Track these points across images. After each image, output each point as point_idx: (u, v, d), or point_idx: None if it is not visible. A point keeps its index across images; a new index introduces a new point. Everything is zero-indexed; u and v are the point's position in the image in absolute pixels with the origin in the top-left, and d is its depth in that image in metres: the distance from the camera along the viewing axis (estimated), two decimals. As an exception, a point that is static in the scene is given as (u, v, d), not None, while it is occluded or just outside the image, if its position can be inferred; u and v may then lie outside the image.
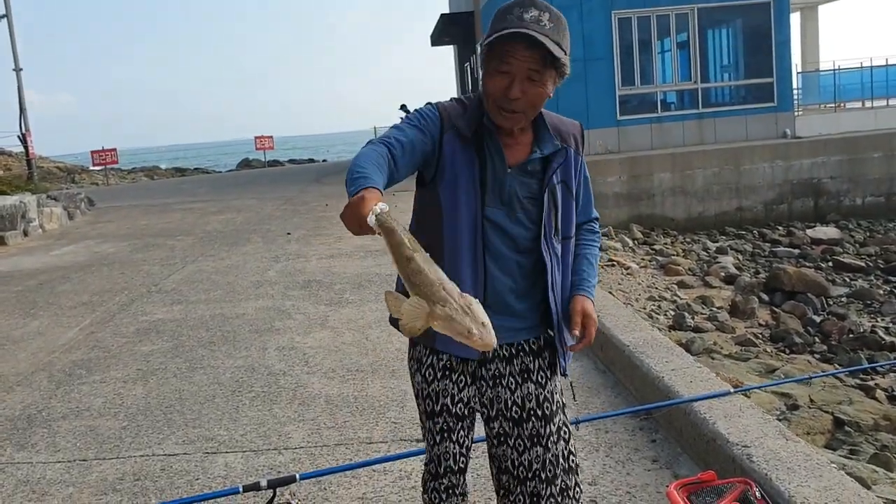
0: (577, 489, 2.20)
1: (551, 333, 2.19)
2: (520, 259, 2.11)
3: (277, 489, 3.07)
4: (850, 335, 9.29)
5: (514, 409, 2.16)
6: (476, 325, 1.66)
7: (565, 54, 1.97)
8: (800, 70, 21.56)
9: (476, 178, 2.04)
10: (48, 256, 10.48)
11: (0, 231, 11.86)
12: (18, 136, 21.11)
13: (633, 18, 18.21)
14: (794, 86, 19.64)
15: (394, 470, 3.52)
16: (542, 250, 2.10)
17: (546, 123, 2.12)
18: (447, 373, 2.15)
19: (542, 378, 2.18)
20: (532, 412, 2.15)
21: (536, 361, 2.18)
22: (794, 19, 23.83)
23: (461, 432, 2.18)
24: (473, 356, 2.11)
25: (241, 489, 3.09)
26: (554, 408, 2.18)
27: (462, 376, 2.16)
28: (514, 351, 2.17)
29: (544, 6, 1.97)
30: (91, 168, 31.87)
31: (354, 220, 1.70)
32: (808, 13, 26.29)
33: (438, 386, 2.16)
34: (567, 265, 2.19)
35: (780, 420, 5.01)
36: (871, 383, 6.99)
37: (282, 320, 6.31)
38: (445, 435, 2.17)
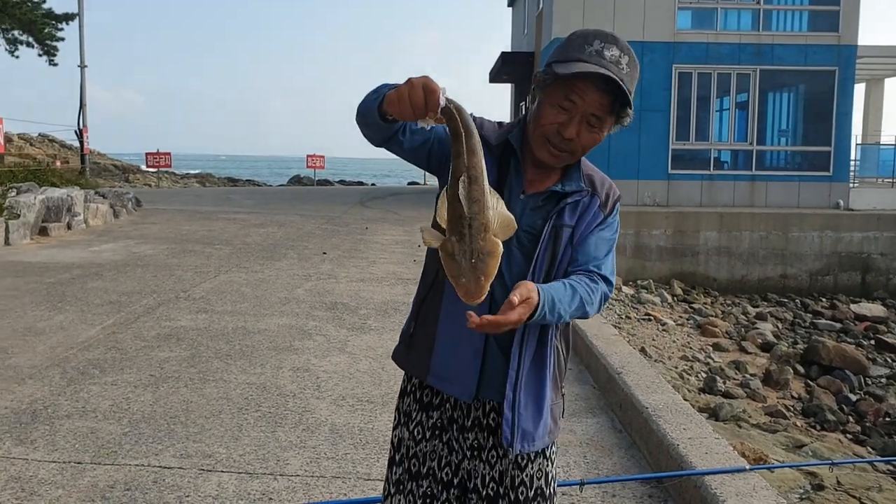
0: None
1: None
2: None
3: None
4: (887, 418, 8.96)
5: (491, 485, 1.98)
6: (470, 275, 1.59)
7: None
8: (859, 141, 21.17)
9: None
10: (86, 252, 10.58)
11: (44, 222, 12.02)
12: (76, 132, 21.62)
13: (693, 74, 18.11)
14: (852, 157, 19.29)
15: (387, 510, 3.39)
16: None
17: (579, 166, 1.95)
18: (436, 432, 2.02)
19: (521, 459, 1.98)
20: (506, 492, 1.97)
21: None
22: (859, 89, 23.47)
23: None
24: (465, 398, 1.94)
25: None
26: (530, 494, 1.97)
27: (448, 441, 2.01)
28: (499, 420, 1.96)
29: (626, 47, 1.81)
30: (145, 169, 32.47)
31: (419, 96, 1.57)
32: (873, 84, 25.89)
33: (427, 447, 2.02)
34: None
35: (802, 499, 4.79)
36: (904, 472, 6.70)
37: (302, 340, 6.24)
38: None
